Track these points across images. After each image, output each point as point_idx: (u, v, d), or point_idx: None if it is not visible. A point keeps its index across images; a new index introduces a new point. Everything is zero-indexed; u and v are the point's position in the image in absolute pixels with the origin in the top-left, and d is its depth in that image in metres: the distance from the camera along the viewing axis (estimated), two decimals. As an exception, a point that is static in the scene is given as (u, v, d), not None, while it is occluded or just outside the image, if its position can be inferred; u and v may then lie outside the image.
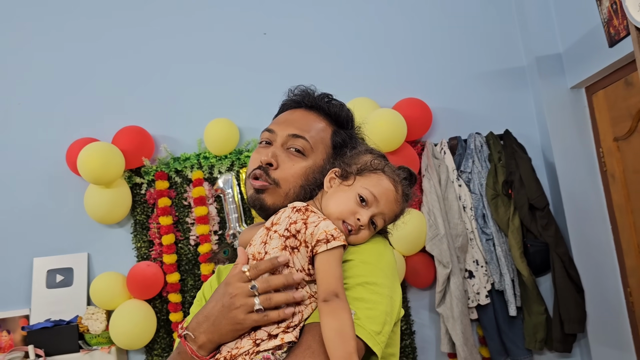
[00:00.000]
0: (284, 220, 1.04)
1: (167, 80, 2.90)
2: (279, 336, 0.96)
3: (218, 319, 0.97)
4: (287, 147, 1.16)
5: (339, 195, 1.08)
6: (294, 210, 1.05)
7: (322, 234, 0.99)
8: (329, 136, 1.19)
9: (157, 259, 2.74)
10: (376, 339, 0.97)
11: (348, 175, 1.09)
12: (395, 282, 1.08)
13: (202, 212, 2.72)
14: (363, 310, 0.98)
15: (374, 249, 1.08)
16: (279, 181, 1.13)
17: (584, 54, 2.64)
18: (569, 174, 2.76)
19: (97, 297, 2.63)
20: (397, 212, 1.12)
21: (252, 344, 0.95)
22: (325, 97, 1.24)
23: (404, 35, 2.97)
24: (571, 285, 2.62)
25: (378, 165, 1.10)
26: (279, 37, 2.96)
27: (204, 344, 0.97)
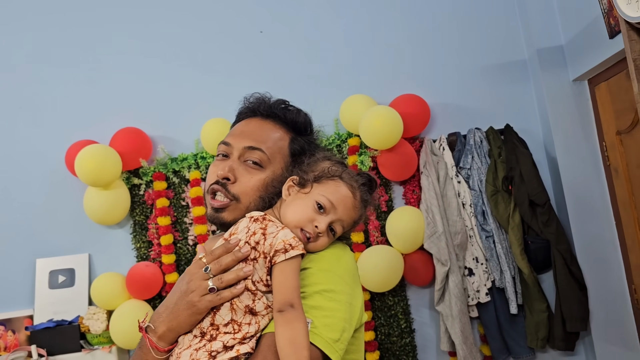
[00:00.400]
0: (242, 230, 1.04)
1: (164, 81, 2.90)
2: (234, 347, 0.96)
3: (176, 305, 1.00)
4: (244, 160, 1.15)
5: (297, 203, 1.07)
6: (252, 221, 1.05)
7: (281, 243, 0.99)
8: (286, 145, 1.18)
9: (156, 259, 2.76)
10: (334, 347, 0.97)
11: (305, 182, 1.09)
12: (356, 288, 1.08)
13: (200, 212, 2.73)
14: (320, 319, 0.98)
15: (332, 255, 1.08)
16: (239, 196, 1.13)
17: (586, 46, 2.56)
18: (572, 169, 2.70)
19: (97, 298, 2.67)
20: (356, 218, 1.11)
21: (207, 356, 0.95)
22: (281, 104, 1.23)
23: (402, 31, 2.93)
24: (573, 283, 2.56)
25: (335, 172, 1.09)
26: (275, 35, 2.94)
27: (163, 334, 1.00)
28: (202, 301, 0.98)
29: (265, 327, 1.00)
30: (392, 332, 2.73)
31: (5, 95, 2.90)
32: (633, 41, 1.53)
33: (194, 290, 0.99)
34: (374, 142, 2.60)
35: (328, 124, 2.86)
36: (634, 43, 1.53)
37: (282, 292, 0.96)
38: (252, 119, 1.22)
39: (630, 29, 1.54)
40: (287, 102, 1.23)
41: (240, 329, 0.98)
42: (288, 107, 1.22)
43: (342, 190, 1.08)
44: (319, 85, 2.90)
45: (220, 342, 0.96)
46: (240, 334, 0.97)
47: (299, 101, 2.86)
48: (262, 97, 1.23)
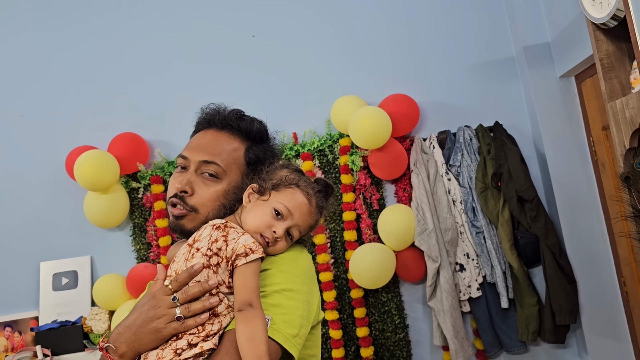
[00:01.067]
0: (205, 237, 1.09)
1: (160, 87, 2.98)
2: (198, 344, 1.02)
3: (140, 328, 1.03)
4: (200, 172, 1.21)
5: (256, 210, 1.14)
6: (214, 228, 1.10)
7: (242, 248, 1.06)
8: (242, 154, 1.24)
9: (155, 260, 2.84)
10: (292, 342, 1.04)
11: (264, 190, 1.15)
12: (313, 287, 1.14)
13: (196, 213, 2.80)
14: (279, 316, 1.04)
15: (291, 257, 1.14)
16: (197, 207, 1.19)
17: (572, 42, 2.59)
18: (560, 164, 2.74)
19: (99, 298, 2.75)
20: (312, 224, 1.18)
21: (173, 354, 1.01)
22: (236, 114, 1.29)
23: (390, 31, 2.97)
24: (562, 277, 2.60)
25: (292, 180, 1.15)
26: (267, 38, 3.00)
27: (124, 354, 1.04)
28: (168, 328, 1.02)
29: (227, 325, 1.06)
30: (386, 328, 2.78)
31: (7, 103, 2.99)
32: (599, 41, 1.57)
33: (160, 317, 1.03)
34: (363, 142, 2.66)
35: (320, 125, 2.92)
36: (600, 43, 1.57)
37: (242, 293, 1.03)
38: (207, 130, 1.28)
39: (597, 30, 1.58)
40: (241, 112, 1.29)
41: (203, 329, 1.04)
42: (242, 117, 1.28)
43: (298, 198, 1.15)
44: (311, 86, 2.95)
45: (185, 340, 1.03)
46: (204, 333, 1.03)
47: (291, 103, 2.95)
48: (218, 108, 1.30)
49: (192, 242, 1.11)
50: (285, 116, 2.87)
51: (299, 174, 1.19)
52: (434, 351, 2.81)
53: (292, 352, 1.03)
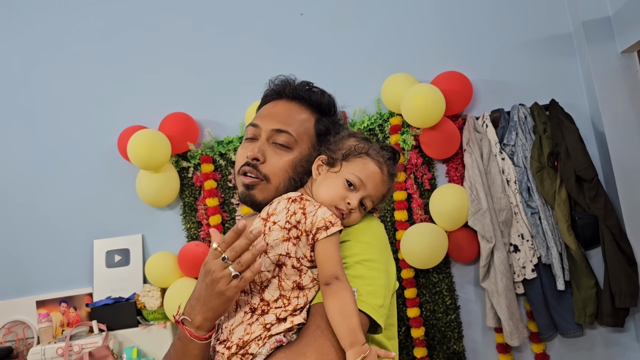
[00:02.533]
0: (282, 211, 1.07)
1: (209, 67, 2.98)
2: (288, 319, 1.01)
3: (207, 297, 1.03)
4: (272, 142, 1.20)
5: (328, 183, 1.11)
6: (290, 201, 1.08)
7: (321, 221, 1.04)
8: (312, 125, 1.22)
9: (206, 238, 2.86)
10: (379, 312, 1.02)
11: (334, 162, 1.13)
12: (389, 256, 1.13)
13: (246, 193, 2.81)
14: (364, 287, 1.03)
15: (366, 227, 1.12)
16: (269, 176, 1.18)
17: (635, 16, 2.49)
18: (620, 143, 2.65)
19: (151, 276, 2.79)
20: (384, 192, 1.15)
21: (262, 329, 1.00)
22: (305, 85, 1.27)
23: (442, 7, 2.91)
24: (623, 259, 2.52)
25: (362, 149, 1.12)
26: (315, 17, 2.97)
27: (201, 324, 1.04)
28: (230, 288, 1.02)
29: (313, 299, 1.05)
30: (437, 309, 2.75)
31: (58, 85, 3.03)
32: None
33: (218, 280, 1.02)
34: (416, 120, 2.62)
35: (370, 104, 2.89)
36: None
37: (327, 266, 1.01)
38: (278, 101, 1.26)
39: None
40: (311, 84, 1.27)
41: (290, 303, 1.03)
42: (312, 89, 1.26)
43: (370, 167, 1.13)
44: (360, 65, 2.92)
45: (272, 315, 1.02)
46: (291, 307, 1.02)
47: (340, 82, 2.93)
48: (287, 79, 1.28)
49: (266, 216, 1.09)
50: (335, 95, 2.84)
51: (367, 142, 1.17)
52: (486, 333, 2.77)
53: (380, 322, 1.02)
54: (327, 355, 0.95)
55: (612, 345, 2.72)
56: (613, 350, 2.71)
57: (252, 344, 1.00)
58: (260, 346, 0.99)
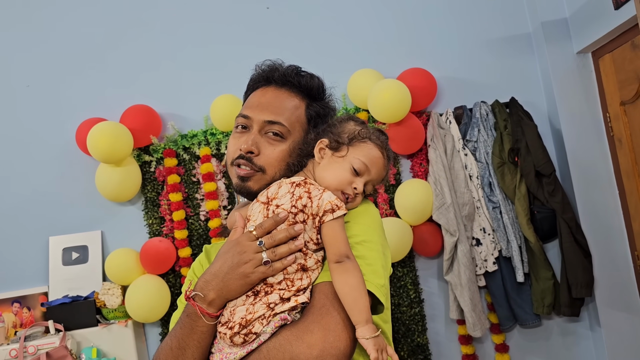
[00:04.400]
0: (285, 195, 1.07)
1: (172, 59, 2.91)
2: (292, 299, 1.00)
3: (227, 274, 1.03)
4: (264, 132, 1.18)
5: (335, 167, 1.11)
6: (294, 185, 1.08)
7: (328, 204, 1.04)
8: (303, 112, 1.22)
9: (169, 234, 2.79)
10: (381, 291, 1.03)
11: (339, 146, 1.13)
12: (385, 239, 1.14)
13: (211, 187, 2.76)
14: (365, 267, 1.04)
15: (364, 211, 1.14)
16: (264, 167, 1.17)
17: (590, 18, 2.60)
18: (576, 140, 2.76)
19: (112, 273, 2.70)
20: (384, 176, 1.17)
21: (266, 308, 0.99)
22: (294, 70, 1.24)
23: (408, 5, 2.95)
24: (578, 250, 2.63)
25: (365, 134, 1.13)
26: (281, 11, 2.95)
27: (213, 301, 1.03)
28: (256, 273, 1.01)
29: (316, 279, 1.05)
30: (402, 302, 2.79)
31: (13, 73, 2.89)
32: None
33: (247, 262, 1.02)
34: (383, 115, 2.64)
35: (336, 99, 2.88)
36: (648, 10, 1.57)
37: (336, 246, 1.02)
38: (267, 88, 1.23)
39: (643, -4, 1.58)
40: (299, 68, 1.25)
41: (293, 284, 1.02)
42: (301, 73, 1.24)
43: (374, 152, 1.13)
44: (326, 60, 2.92)
45: (276, 294, 1.01)
46: (294, 288, 1.02)
47: None
48: (274, 64, 1.25)
49: (266, 201, 1.08)
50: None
51: (367, 126, 1.17)
52: (448, 325, 2.83)
53: (383, 301, 1.03)
54: (334, 332, 0.96)
55: (568, 334, 2.83)
56: (569, 339, 2.82)
57: (255, 323, 0.99)
58: (264, 325, 0.98)
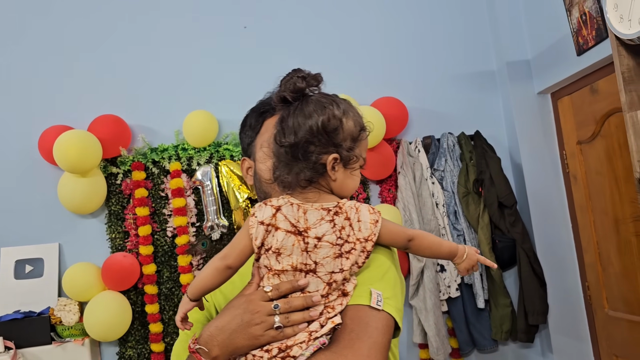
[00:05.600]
0: (323, 225, 1.00)
1: (146, 70, 2.86)
2: (328, 323, 0.99)
3: (235, 332, 0.99)
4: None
5: (352, 178, 1.07)
6: (331, 214, 1.01)
7: (371, 225, 1.01)
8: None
9: (133, 250, 2.70)
10: (400, 315, 1.05)
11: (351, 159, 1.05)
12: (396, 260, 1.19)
13: (180, 203, 2.71)
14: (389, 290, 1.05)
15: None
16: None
17: (552, 62, 2.79)
18: (534, 175, 2.92)
19: (70, 288, 2.58)
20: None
21: (307, 336, 0.98)
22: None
23: (382, 36, 3.05)
24: (535, 279, 2.77)
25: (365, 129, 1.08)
26: (258, 31, 2.98)
27: (217, 357, 1.00)
28: (265, 336, 0.98)
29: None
30: (366, 326, 2.81)
31: (-29, 74, 2.75)
32: (622, 56, 1.71)
33: (258, 323, 0.98)
34: (358, 140, 2.69)
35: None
36: (622, 58, 1.72)
37: (398, 238, 1.07)
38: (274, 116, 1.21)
39: (620, 45, 1.73)
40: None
41: (334, 309, 1.00)
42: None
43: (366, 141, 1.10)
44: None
45: (317, 322, 0.99)
46: (333, 313, 1.00)
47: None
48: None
49: (298, 232, 1.00)
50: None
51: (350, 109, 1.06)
52: (410, 349, 2.89)
53: (400, 325, 1.05)
54: (366, 357, 0.96)
55: (521, 359, 2.95)
56: (522, 365, 2.95)
57: (294, 347, 0.98)
58: (304, 349, 0.97)
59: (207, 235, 2.73)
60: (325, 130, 1.02)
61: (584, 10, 2.48)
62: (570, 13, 2.58)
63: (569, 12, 2.59)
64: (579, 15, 2.51)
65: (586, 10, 2.47)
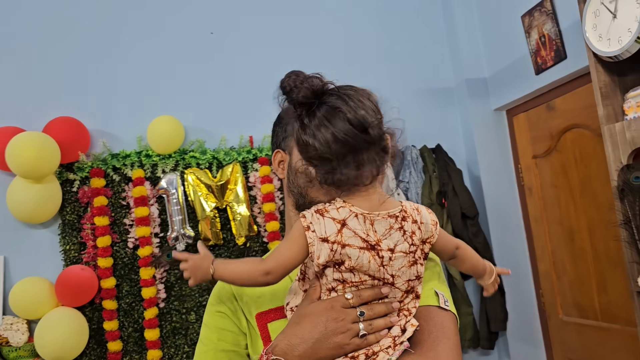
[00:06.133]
0: (394, 233, 0.95)
1: (108, 73, 2.71)
2: (408, 326, 0.98)
3: (319, 342, 0.94)
4: None
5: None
6: (399, 220, 0.96)
7: (432, 227, 1.00)
8: None
9: (90, 262, 2.52)
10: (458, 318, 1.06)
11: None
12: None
13: (143, 212, 2.57)
14: (441, 285, 1.08)
15: None
16: None
17: (508, 80, 2.95)
18: (492, 187, 3.05)
19: (18, 305, 2.36)
20: None
21: (391, 341, 0.96)
22: None
23: (347, 46, 3.08)
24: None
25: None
26: (226, 36, 2.92)
27: None
28: (351, 344, 0.95)
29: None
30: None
31: None
32: (599, 72, 1.84)
33: (343, 332, 0.94)
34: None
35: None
36: (600, 74, 1.84)
37: (447, 247, 1.06)
38: None
39: (597, 62, 1.85)
40: None
41: (410, 313, 0.99)
42: None
43: None
44: (270, 86, 2.91)
45: (397, 327, 0.97)
46: (411, 316, 0.99)
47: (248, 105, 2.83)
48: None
49: (370, 246, 0.93)
50: (241, 119, 2.82)
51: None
52: None
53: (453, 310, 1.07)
54: (457, 356, 0.98)
55: (481, 366, 3.04)
56: (481, 372, 3.03)
57: (380, 353, 0.94)
58: (390, 354, 0.94)
59: (172, 247, 2.60)
60: (378, 108, 0.98)
61: (543, 32, 2.64)
62: (529, 35, 2.74)
63: (528, 34, 2.75)
64: (538, 37, 2.68)
65: (545, 32, 2.63)
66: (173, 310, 2.60)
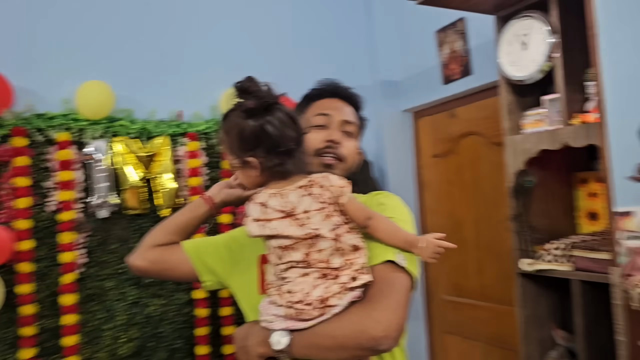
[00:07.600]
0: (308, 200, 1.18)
1: (38, 28, 2.61)
2: (358, 277, 1.15)
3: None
4: (342, 130, 1.39)
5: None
6: (307, 188, 1.19)
7: (340, 187, 1.19)
8: (358, 121, 1.47)
9: (4, 223, 2.43)
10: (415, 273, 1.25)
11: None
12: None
13: (67, 176, 2.53)
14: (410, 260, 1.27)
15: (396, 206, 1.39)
16: (346, 157, 1.37)
17: (418, 86, 3.31)
18: (395, 180, 3.41)
19: None
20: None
21: (340, 287, 1.14)
22: (349, 89, 1.50)
23: (263, 46, 3.24)
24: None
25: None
26: (161, 8, 2.92)
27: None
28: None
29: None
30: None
31: None
32: (507, 92, 2.22)
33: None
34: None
35: (205, 109, 2.97)
36: (508, 94, 2.22)
37: (359, 215, 1.19)
38: (333, 99, 1.45)
39: (506, 84, 2.23)
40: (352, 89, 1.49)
41: (353, 263, 1.16)
42: (355, 93, 1.49)
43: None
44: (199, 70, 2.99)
45: (345, 276, 1.15)
46: (356, 266, 1.17)
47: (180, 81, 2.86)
48: (335, 82, 1.48)
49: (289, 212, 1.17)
50: (173, 93, 2.87)
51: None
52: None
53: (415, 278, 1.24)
54: (395, 313, 1.11)
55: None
56: None
57: (331, 298, 1.13)
58: (340, 299, 1.14)
59: (92, 215, 2.60)
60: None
61: (454, 48, 3.03)
62: (442, 48, 3.11)
63: (440, 48, 3.12)
64: (449, 52, 3.06)
65: (456, 49, 3.02)
66: (91, 276, 2.60)
